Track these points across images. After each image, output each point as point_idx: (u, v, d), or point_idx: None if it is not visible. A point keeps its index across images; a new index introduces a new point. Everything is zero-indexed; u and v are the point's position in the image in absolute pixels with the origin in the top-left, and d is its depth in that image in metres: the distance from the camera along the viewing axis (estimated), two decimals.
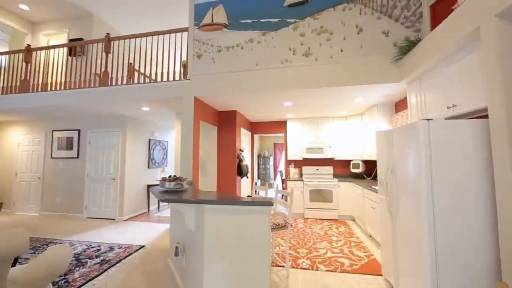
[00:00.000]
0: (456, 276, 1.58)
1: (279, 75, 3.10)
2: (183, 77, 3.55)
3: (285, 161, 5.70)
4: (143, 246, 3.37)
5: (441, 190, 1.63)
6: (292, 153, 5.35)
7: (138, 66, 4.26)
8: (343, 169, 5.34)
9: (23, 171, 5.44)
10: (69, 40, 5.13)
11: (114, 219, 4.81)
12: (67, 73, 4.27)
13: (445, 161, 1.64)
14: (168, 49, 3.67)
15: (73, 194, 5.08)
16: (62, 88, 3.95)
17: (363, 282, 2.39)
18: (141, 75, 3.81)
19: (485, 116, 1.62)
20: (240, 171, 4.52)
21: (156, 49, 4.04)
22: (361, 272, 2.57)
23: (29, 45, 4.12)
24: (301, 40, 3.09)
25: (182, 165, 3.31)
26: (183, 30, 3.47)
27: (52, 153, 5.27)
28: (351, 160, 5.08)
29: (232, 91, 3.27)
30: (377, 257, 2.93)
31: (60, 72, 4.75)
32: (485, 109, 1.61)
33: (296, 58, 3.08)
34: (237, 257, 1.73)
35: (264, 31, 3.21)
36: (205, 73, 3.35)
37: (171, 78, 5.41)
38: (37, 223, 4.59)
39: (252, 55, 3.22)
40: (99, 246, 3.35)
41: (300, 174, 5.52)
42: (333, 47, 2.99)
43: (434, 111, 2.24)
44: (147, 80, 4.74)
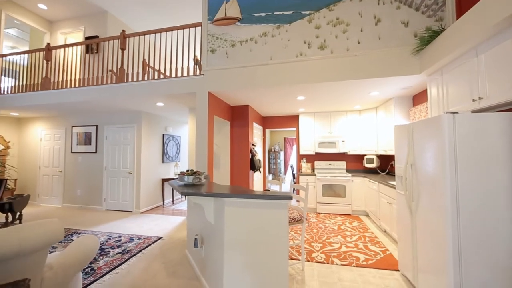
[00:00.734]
0: (481, 274, 1.55)
1: (294, 69, 3.06)
2: (198, 72, 3.57)
3: (297, 156, 5.68)
4: (161, 238, 3.49)
5: (467, 186, 1.58)
6: (304, 148, 5.32)
7: (153, 63, 4.32)
8: (356, 164, 5.28)
9: (46, 165, 5.72)
10: (85, 38, 5.28)
11: (131, 212, 5.00)
12: (85, 70, 4.39)
13: (472, 156, 1.59)
14: (182, 45, 3.70)
15: (93, 187, 5.31)
16: (81, 85, 4.08)
17: (379, 277, 2.39)
18: (155, 72, 3.87)
19: None
20: (253, 166, 4.55)
21: (170, 45, 4.09)
22: (377, 267, 2.56)
23: (49, 44, 4.25)
24: (316, 33, 3.02)
25: (197, 159, 3.37)
26: (197, 25, 3.47)
27: (72, 148, 5.50)
28: (365, 155, 5.00)
29: (246, 86, 3.26)
30: (393, 253, 2.90)
31: (78, 70, 4.91)
32: None
33: (311, 51, 3.03)
34: (257, 250, 1.77)
35: (278, 24, 3.16)
36: (219, 68, 3.35)
37: (185, 74, 5.46)
38: (61, 214, 4.84)
39: (266, 49, 3.19)
40: (120, 237, 3.51)
41: (312, 169, 5.49)
42: (350, 39, 2.91)
43: (458, 104, 2.15)
44: (161, 76, 4.82)
